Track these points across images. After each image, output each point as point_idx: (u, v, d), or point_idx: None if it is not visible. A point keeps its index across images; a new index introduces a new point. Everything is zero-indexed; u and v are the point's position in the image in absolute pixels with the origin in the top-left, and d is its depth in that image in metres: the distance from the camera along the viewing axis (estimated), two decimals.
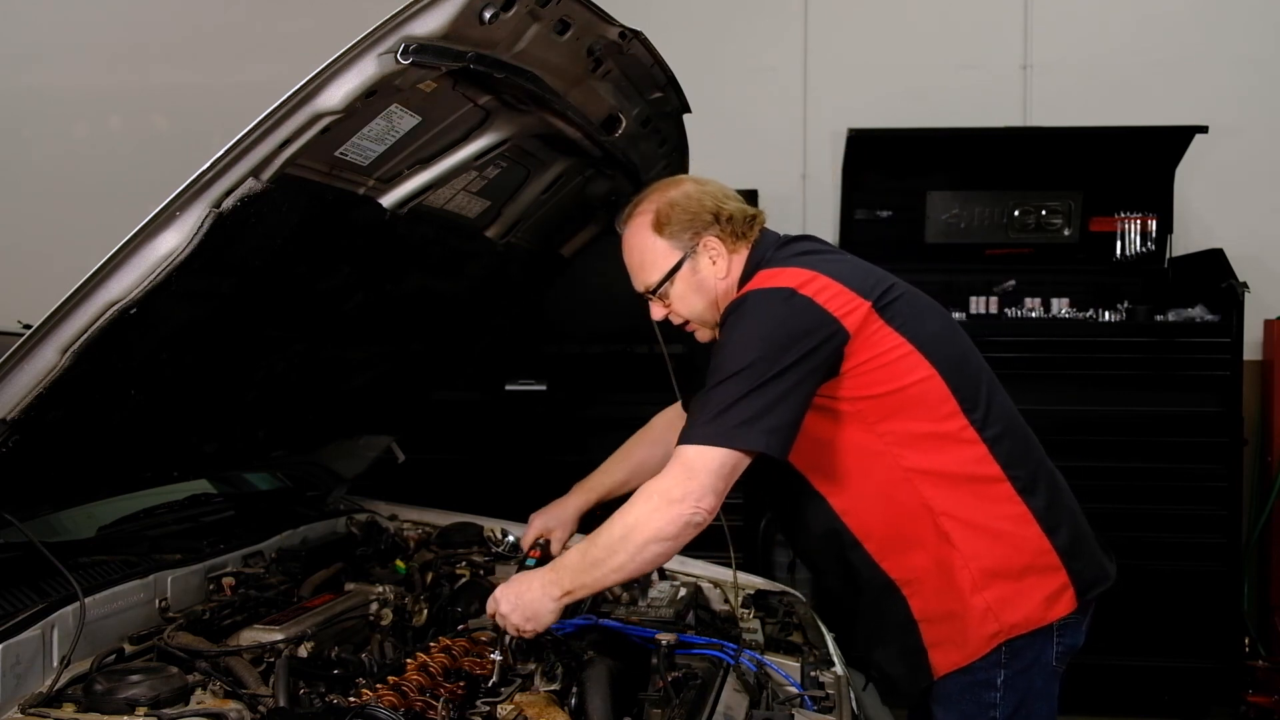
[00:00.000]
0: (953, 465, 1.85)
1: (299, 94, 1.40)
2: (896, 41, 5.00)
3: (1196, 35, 4.88)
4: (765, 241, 1.99)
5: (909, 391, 1.83)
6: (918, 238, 4.72)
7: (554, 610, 1.80)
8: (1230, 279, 4.16)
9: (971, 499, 1.85)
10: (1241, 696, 4.17)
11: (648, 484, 1.76)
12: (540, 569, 1.87)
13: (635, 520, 1.74)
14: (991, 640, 1.85)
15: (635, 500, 1.76)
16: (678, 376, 2.29)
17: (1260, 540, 4.52)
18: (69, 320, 1.43)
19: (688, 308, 2.00)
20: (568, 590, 1.79)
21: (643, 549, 1.73)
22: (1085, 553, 1.93)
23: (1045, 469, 1.94)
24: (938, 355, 1.85)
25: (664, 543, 1.72)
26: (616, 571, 1.77)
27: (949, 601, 1.86)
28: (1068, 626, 1.89)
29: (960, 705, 1.90)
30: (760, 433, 1.72)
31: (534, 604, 1.80)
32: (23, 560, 1.79)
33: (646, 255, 1.99)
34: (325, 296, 2.00)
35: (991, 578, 1.84)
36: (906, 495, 1.85)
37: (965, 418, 1.85)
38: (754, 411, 1.72)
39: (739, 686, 1.90)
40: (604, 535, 1.77)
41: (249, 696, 1.64)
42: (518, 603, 1.81)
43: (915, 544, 1.86)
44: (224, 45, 5.13)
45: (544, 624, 1.81)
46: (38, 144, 5.10)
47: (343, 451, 2.86)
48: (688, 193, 1.98)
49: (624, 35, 1.78)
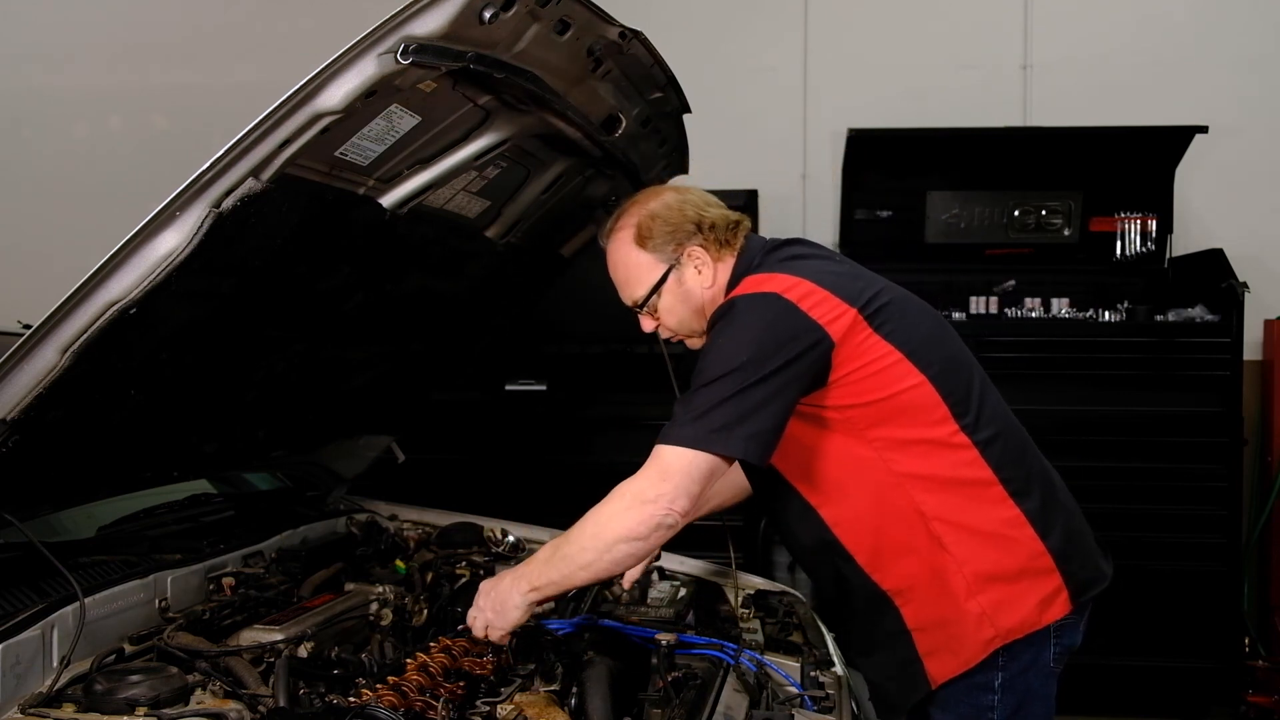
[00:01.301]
0: (944, 470, 1.83)
1: (299, 94, 1.40)
2: (896, 41, 5.00)
3: (1196, 35, 4.88)
4: (752, 247, 1.97)
5: (898, 399, 1.82)
6: (918, 238, 4.72)
7: (520, 606, 1.79)
8: (1230, 279, 4.16)
9: (964, 503, 1.83)
10: (1241, 696, 4.17)
11: (623, 483, 1.75)
12: (507, 571, 1.88)
13: (606, 519, 1.73)
14: (988, 646, 1.83)
15: (609, 499, 1.76)
16: (679, 378, 2.29)
17: (1260, 540, 4.52)
18: (69, 320, 1.43)
19: (675, 318, 2.00)
20: (535, 586, 1.79)
21: (612, 548, 1.72)
22: (1080, 554, 1.91)
23: (1039, 470, 1.93)
24: (927, 361, 1.84)
25: (634, 542, 1.71)
26: (585, 569, 1.75)
27: (943, 609, 1.85)
28: (1065, 627, 1.88)
29: (957, 708, 1.89)
30: (739, 438, 1.71)
31: (502, 598, 1.80)
32: (23, 560, 1.79)
33: (631, 270, 1.98)
34: (325, 296, 2.00)
35: (986, 582, 1.83)
36: (898, 501, 1.83)
37: (956, 423, 1.83)
38: (734, 416, 1.71)
39: (739, 686, 1.90)
40: (575, 533, 1.77)
41: (249, 696, 1.64)
42: (491, 595, 1.82)
43: (907, 551, 1.85)
44: (224, 45, 5.13)
45: (510, 621, 1.80)
46: (38, 144, 5.10)
47: (343, 451, 2.86)
48: (667, 203, 1.96)
49: (624, 35, 1.78)
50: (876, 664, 1.97)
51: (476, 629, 1.85)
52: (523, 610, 1.80)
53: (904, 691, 1.92)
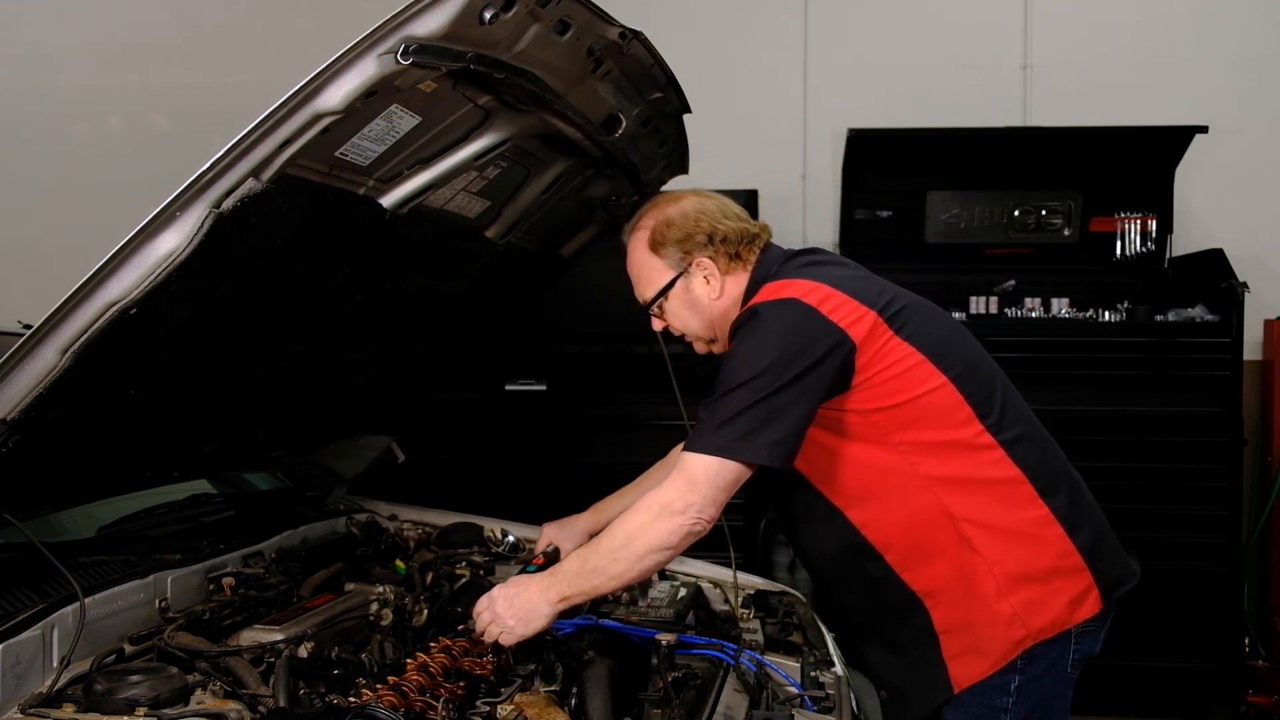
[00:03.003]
0: (971, 470, 1.84)
1: (299, 94, 1.40)
2: (896, 41, 5.00)
3: (1196, 35, 4.88)
4: (770, 257, 2.00)
5: (922, 402, 1.83)
6: (918, 238, 4.72)
7: (548, 615, 1.83)
8: (1230, 279, 4.15)
9: (993, 503, 1.84)
10: (1241, 696, 4.17)
11: (651, 494, 1.79)
12: (539, 573, 1.90)
13: (637, 530, 1.77)
14: (1018, 646, 1.84)
15: (638, 509, 1.79)
16: (679, 378, 2.30)
17: (1260, 540, 4.52)
18: (69, 320, 1.43)
19: (681, 323, 2.04)
20: (565, 595, 1.82)
21: (643, 558, 1.78)
22: (1108, 552, 1.92)
23: (1064, 469, 1.94)
24: (949, 363, 1.85)
25: (664, 552, 1.78)
26: (615, 579, 1.81)
27: (972, 610, 1.85)
28: (1086, 634, 1.88)
29: (971, 708, 1.89)
30: (763, 445, 1.74)
31: (529, 606, 1.83)
32: (23, 560, 1.79)
33: (642, 271, 2.04)
34: (325, 296, 2.00)
35: (1017, 582, 1.83)
36: (926, 504, 1.84)
37: (981, 423, 1.85)
38: (758, 423, 1.73)
39: (739, 686, 1.90)
40: (605, 543, 1.80)
41: (249, 696, 1.64)
42: (514, 602, 1.83)
43: (937, 553, 1.85)
44: (224, 45, 5.12)
45: (534, 629, 1.83)
46: (38, 144, 5.09)
47: (343, 451, 2.86)
48: (684, 211, 1.99)
49: (624, 35, 1.78)
50: (898, 667, 1.97)
51: (490, 635, 1.85)
52: (549, 619, 1.84)
53: (925, 695, 1.92)
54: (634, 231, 2.05)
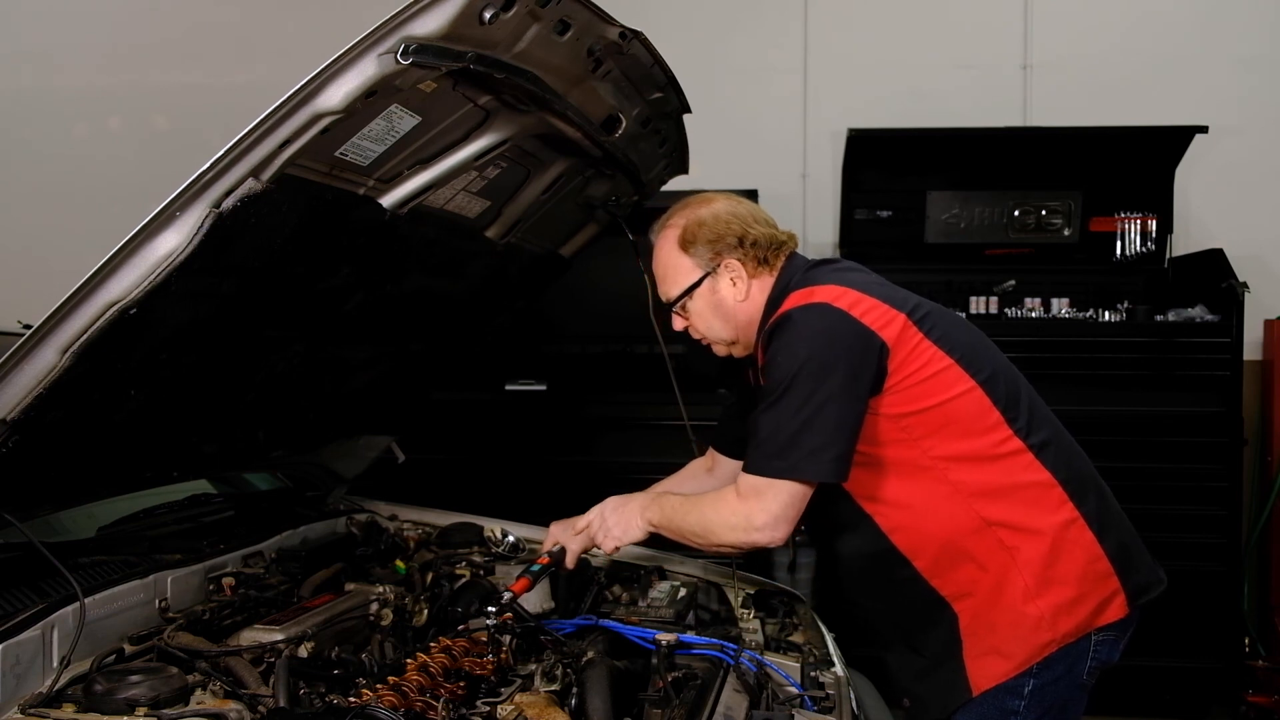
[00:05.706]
0: (1001, 475, 1.84)
1: (299, 94, 1.40)
2: (896, 41, 5.00)
3: (1196, 35, 4.88)
4: (794, 265, 2.01)
5: (951, 406, 1.83)
6: (918, 238, 4.72)
7: (642, 529, 2.03)
8: (1230, 279, 4.16)
9: (1024, 506, 1.85)
10: (1241, 696, 4.17)
11: (736, 500, 1.85)
12: (640, 495, 2.09)
13: (717, 525, 1.88)
14: (1043, 650, 1.84)
15: (721, 505, 1.88)
16: (678, 378, 2.31)
17: (1260, 540, 4.52)
18: (69, 320, 1.43)
19: (705, 324, 2.06)
20: (656, 524, 2.01)
21: (713, 545, 1.93)
22: (1135, 557, 1.93)
23: (1091, 473, 1.95)
24: (977, 367, 1.86)
25: (731, 549, 1.93)
26: (687, 540, 1.97)
27: (1000, 613, 1.85)
28: (1105, 641, 1.88)
29: (981, 709, 1.89)
30: (828, 462, 1.78)
31: (629, 518, 2.04)
32: (23, 560, 1.79)
33: (669, 269, 2.05)
34: (325, 296, 2.00)
35: (1047, 586, 1.83)
36: (957, 508, 1.84)
37: (1009, 427, 1.85)
38: (820, 441, 1.77)
39: (739, 687, 1.90)
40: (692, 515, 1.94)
41: (249, 697, 1.64)
42: (620, 511, 2.05)
43: (967, 557, 1.85)
44: (224, 45, 5.13)
45: (630, 538, 2.04)
46: (38, 144, 5.10)
47: (343, 451, 2.86)
48: (716, 213, 2.01)
49: (624, 35, 1.78)
50: (916, 670, 1.97)
51: (591, 531, 2.07)
52: (642, 534, 2.03)
53: (942, 698, 1.93)
54: (664, 229, 2.06)
